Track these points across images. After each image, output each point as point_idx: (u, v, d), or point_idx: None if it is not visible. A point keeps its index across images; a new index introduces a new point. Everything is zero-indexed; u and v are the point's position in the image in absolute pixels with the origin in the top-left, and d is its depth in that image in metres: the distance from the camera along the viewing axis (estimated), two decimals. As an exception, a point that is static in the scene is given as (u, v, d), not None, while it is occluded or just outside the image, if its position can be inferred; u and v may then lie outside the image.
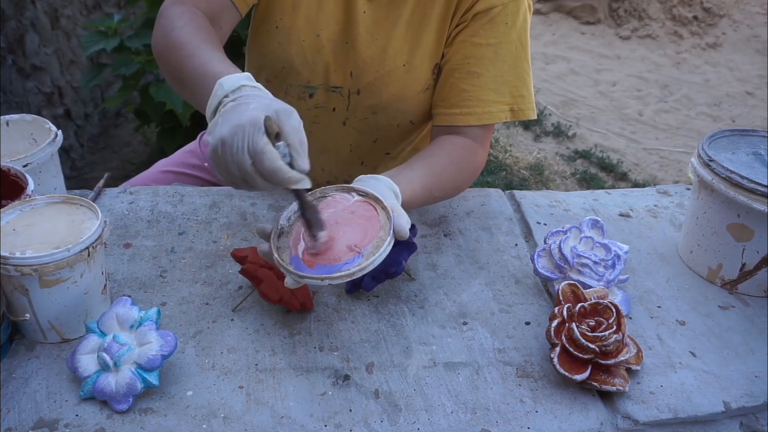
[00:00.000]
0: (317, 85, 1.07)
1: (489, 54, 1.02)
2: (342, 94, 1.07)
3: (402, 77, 1.04)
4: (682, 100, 3.97)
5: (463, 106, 1.04)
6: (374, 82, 1.04)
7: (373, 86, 1.04)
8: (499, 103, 1.04)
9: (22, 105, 2.35)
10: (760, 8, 5.05)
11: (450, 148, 1.03)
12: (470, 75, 1.03)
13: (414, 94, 1.06)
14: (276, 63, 1.07)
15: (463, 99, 1.04)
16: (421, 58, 1.04)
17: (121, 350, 0.75)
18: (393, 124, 1.08)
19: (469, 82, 1.03)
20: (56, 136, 1.01)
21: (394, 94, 1.04)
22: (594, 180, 3.03)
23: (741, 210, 0.95)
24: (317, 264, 0.76)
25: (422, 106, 1.09)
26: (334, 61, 1.05)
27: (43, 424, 0.73)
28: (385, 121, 1.09)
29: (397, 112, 1.07)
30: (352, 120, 1.09)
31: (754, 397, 0.82)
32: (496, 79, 1.03)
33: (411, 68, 1.04)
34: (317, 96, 1.08)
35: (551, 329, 0.82)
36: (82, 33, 2.77)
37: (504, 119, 1.05)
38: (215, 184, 1.31)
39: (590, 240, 0.95)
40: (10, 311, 0.81)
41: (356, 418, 0.76)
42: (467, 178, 1.06)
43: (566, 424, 0.77)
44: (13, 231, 0.79)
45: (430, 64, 1.05)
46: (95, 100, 3.04)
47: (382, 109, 1.06)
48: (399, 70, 1.04)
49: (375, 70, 1.03)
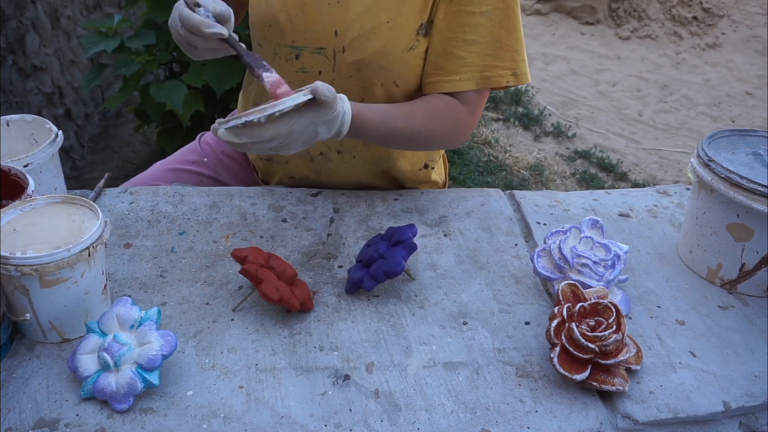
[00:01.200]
0: (302, 46, 1.08)
1: (483, 21, 1.04)
2: (327, 56, 1.08)
3: (386, 33, 1.05)
4: (681, 100, 3.97)
5: (462, 72, 1.05)
6: (358, 38, 1.05)
7: (357, 42, 1.05)
8: (499, 67, 1.06)
9: (22, 105, 2.35)
10: (760, 8, 5.05)
11: (430, 98, 1.07)
12: (467, 42, 1.04)
13: (397, 52, 1.06)
14: (264, 21, 1.09)
15: (460, 66, 1.05)
16: (406, 16, 1.04)
17: (122, 350, 0.75)
18: (377, 83, 1.09)
19: (466, 49, 1.05)
20: (57, 136, 1.01)
21: (377, 49, 1.05)
22: (594, 180, 3.03)
23: (740, 210, 0.95)
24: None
25: (406, 67, 1.09)
26: (317, 20, 1.06)
27: (44, 423, 0.73)
28: (369, 80, 1.09)
29: (380, 69, 1.07)
30: (339, 81, 1.10)
31: (754, 397, 0.82)
32: (494, 45, 1.05)
33: (395, 25, 1.04)
34: (303, 58, 1.09)
35: (551, 329, 0.83)
36: (82, 33, 2.77)
37: (505, 83, 1.06)
38: (215, 178, 1.31)
39: (590, 240, 0.95)
40: (10, 311, 0.81)
41: (356, 417, 0.76)
42: (447, 129, 1.07)
43: (566, 423, 0.77)
44: (14, 231, 0.80)
45: (415, 24, 1.05)
46: (95, 100, 3.04)
47: (365, 65, 1.07)
48: (383, 27, 1.04)
49: (360, 26, 1.04)
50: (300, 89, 0.87)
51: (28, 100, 2.40)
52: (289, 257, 1.01)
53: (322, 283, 0.97)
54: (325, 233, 1.07)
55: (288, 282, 0.89)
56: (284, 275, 0.89)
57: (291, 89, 0.89)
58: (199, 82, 2.14)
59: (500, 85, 1.07)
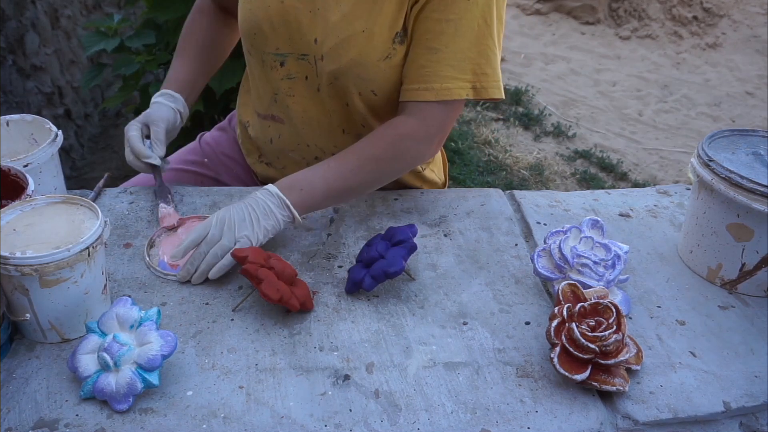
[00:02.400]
0: (286, 53, 1.09)
1: (449, 30, 1.01)
2: (309, 62, 1.08)
3: (361, 43, 1.04)
4: (682, 100, 3.97)
5: (422, 81, 1.03)
6: (335, 47, 1.05)
7: (334, 51, 1.05)
8: (458, 79, 1.02)
9: (22, 105, 2.35)
10: (760, 8, 5.05)
11: (386, 133, 1.05)
12: (429, 50, 1.02)
13: (373, 61, 1.05)
14: (250, 30, 1.10)
15: (422, 75, 1.03)
16: (381, 25, 1.03)
17: (122, 350, 0.75)
18: (355, 92, 1.08)
19: (427, 58, 1.02)
20: (56, 136, 1.01)
21: (352, 59, 1.04)
22: (594, 180, 3.03)
23: (741, 210, 0.95)
24: (178, 267, 0.97)
25: (383, 75, 1.07)
26: (298, 28, 1.06)
27: (44, 424, 0.73)
28: (346, 88, 1.09)
29: (357, 78, 1.06)
30: (322, 87, 1.10)
31: (754, 397, 0.82)
32: (456, 55, 1.02)
33: (370, 35, 1.03)
34: (288, 65, 1.09)
35: (551, 329, 0.82)
36: (82, 33, 2.77)
37: (465, 96, 1.03)
38: (214, 178, 1.31)
39: (590, 240, 0.95)
40: (10, 311, 0.81)
41: (356, 418, 0.76)
42: (387, 147, 1.04)
43: (566, 424, 0.77)
44: (14, 231, 0.80)
45: (389, 33, 1.04)
46: (95, 100, 3.04)
47: (343, 74, 1.07)
48: (358, 36, 1.03)
49: (336, 35, 1.04)
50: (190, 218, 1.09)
51: (27, 100, 2.40)
52: (289, 257, 1.01)
53: (322, 283, 0.97)
54: (325, 233, 1.07)
55: (288, 282, 0.89)
56: (284, 275, 0.89)
57: (173, 220, 1.07)
58: (199, 82, 2.13)
59: (460, 97, 1.03)
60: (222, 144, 1.35)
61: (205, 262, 0.93)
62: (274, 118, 1.18)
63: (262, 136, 1.22)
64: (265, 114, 1.19)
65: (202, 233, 0.95)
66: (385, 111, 1.12)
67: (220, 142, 1.35)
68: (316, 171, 1.02)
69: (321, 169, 1.02)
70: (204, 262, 0.93)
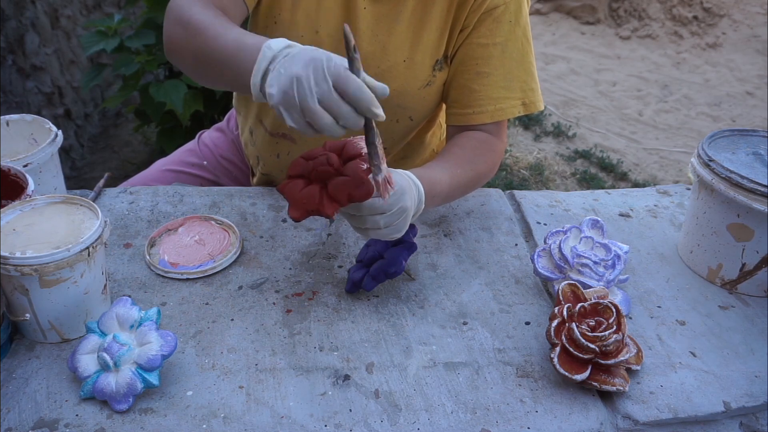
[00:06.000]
0: None
1: (496, 53, 1.03)
2: None
3: (403, 73, 1.04)
4: (682, 100, 3.97)
5: (476, 105, 1.05)
6: (374, 78, 1.04)
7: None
8: (509, 99, 1.06)
9: (22, 105, 2.35)
10: (760, 8, 5.05)
11: (465, 141, 1.06)
12: (479, 75, 1.04)
13: (414, 90, 1.06)
14: None
15: (474, 99, 1.05)
16: (422, 53, 1.04)
17: (121, 350, 0.75)
18: (393, 120, 1.08)
19: (479, 83, 1.05)
20: (56, 136, 1.01)
21: (394, 89, 1.04)
22: (594, 180, 3.03)
23: (741, 210, 0.95)
24: (179, 264, 0.96)
25: (422, 102, 1.09)
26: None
27: (43, 424, 0.73)
28: (385, 118, 1.08)
29: (397, 108, 1.07)
30: None
31: (754, 397, 0.82)
32: (505, 77, 1.05)
33: (411, 64, 1.04)
34: None
35: (551, 329, 0.82)
36: (82, 33, 2.77)
37: (517, 114, 1.07)
38: (214, 182, 1.31)
39: (590, 240, 0.95)
40: (10, 311, 0.81)
41: (356, 418, 0.76)
42: (490, 163, 1.07)
43: (566, 424, 0.77)
44: (13, 231, 0.79)
45: (431, 60, 1.05)
46: (95, 100, 3.04)
47: (382, 104, 1.06)
48: (399, 66, 1.04)
49: (375, 65, 1.03)
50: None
51: (27, 100, 2.40)
52: (289, 257, 1.01)
53: (322, 283, 0.97)
54: (325, 233, 1.07)
55: (327, 176, 0.79)
56: (320, 172, 0.79)
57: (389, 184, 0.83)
58: (199, 82, 2.13)
59: (513, 116, 1.07)
60: (221, 146, 1.34)
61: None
62: (285, 136, 1.16)
63: (266, 150, 1.19)
64: (274, 132, 1.16)
65: None
66: (414, 134, 1.13)
67: (219, 145, 1.34)
68: (444, 176, 0.96)
69: (447, 175, 0.97)
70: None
